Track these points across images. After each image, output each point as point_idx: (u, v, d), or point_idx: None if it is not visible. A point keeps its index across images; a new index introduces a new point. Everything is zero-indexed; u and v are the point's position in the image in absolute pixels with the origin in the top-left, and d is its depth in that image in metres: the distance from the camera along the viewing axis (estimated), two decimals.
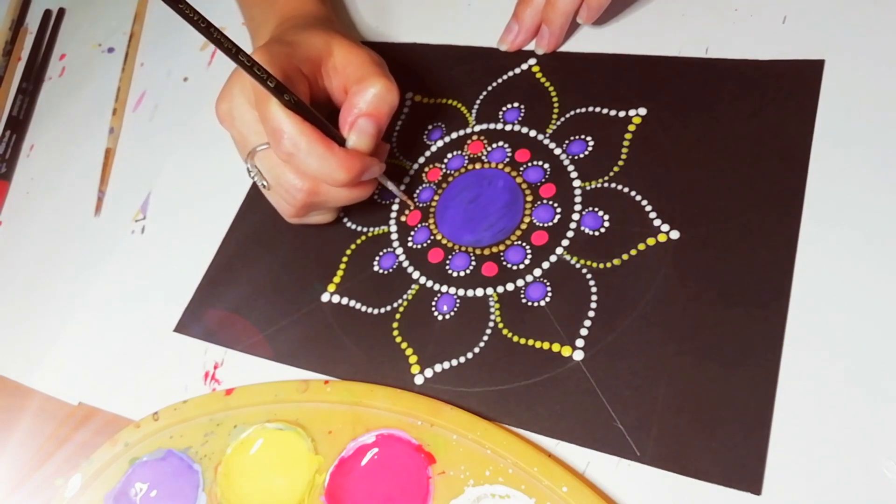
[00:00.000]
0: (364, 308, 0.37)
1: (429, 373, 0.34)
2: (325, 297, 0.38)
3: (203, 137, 0.49)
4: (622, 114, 0.38)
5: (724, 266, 0.31)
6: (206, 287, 0.42)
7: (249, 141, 0.36)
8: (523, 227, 0.36)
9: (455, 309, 0.35)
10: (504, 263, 0.36)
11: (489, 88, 0.42)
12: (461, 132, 0.41)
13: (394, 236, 0.39)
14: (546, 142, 0.39)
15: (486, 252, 0.36)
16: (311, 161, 0.33)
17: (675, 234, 0.33)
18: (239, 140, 0.37)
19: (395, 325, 0.36)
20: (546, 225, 0.36)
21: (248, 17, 0.46)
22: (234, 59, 0.30)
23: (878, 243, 0.30)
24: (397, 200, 0.40)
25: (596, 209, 0.35)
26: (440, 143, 0.41)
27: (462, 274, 0.36)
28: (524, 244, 0.36)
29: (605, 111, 0.38)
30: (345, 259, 0.39)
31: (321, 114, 0.34)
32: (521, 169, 0.38)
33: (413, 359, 0.35)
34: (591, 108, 0.39)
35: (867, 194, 0.31)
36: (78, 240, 0.49)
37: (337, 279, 0.39)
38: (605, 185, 0.36)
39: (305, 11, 0.42)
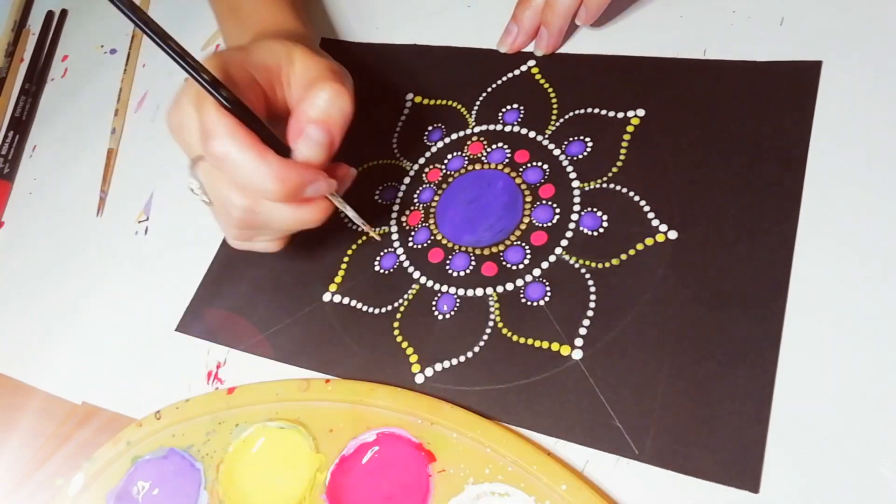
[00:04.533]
0: (365, 308, 0.37)
1: (429, 372, 0.34)
2: (326, 297, 0.38)
3: None
4: (621, 115, 0.38)
5: (721, 266, 0.32)
6: (207, 287, 0.42)
7: (193, 150, 0.32)
8: (523, 227, 0.37)
9: (455, 308, 0.35)
10: (504, 263, 0.36)
11: (489, 90, 0.42)
12: (461, 133, 0.41)
13: (394, 236, 0.39)
14: (545, 143, 0.39)
15: (486, 252, 0.37)
16: (243, 168, 0.29)
17: (673, 235, 0.33)
18: (185, 151, 0.34)
19: (395, 324, 0.36)
20: (545, 225, 0.36)
21: (226, 33, 0.44)
22: (162, 45, 0.27)
23: (874, 244, 0.30)
24: (398, 200, 0.40)
25: (595, 209, 0.36)
26: (440, 144, 0.42)
27: (462, 274, 0.36)
28: (523, 244, 0.36)
29: (603, 112, 0.38)
30: (346, 259, 0.39)
31: (278, 128, 0.31)
32: (521, 170, 0.38)
33: (413, 358, 0.35)
34: (589, 110, 0.39)
35: (864, 195, 0.31)
36: (80, 240, 0.49)
37: (338, 279, 0.39)
38: (604, 185, 0.36)
39: (281, 28, 0.40)
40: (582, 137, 0.38)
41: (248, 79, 0.31)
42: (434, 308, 0.36)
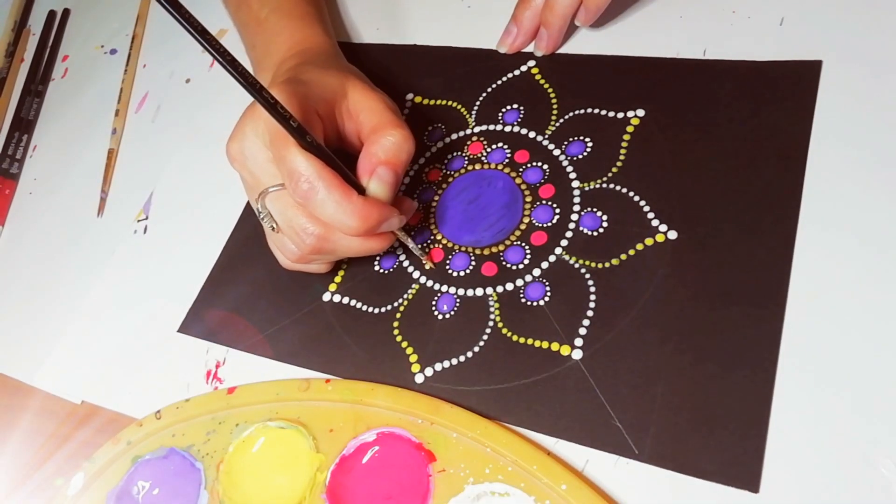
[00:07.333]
0: (365, 307, 0.37)
1: (429, 371, 0.34)
2: (326, 297, 0.38)
3: (205, 138, 0.49)
4: (620, 115, 0.38)
5: (721, 266, 0.32)
6: (209, 287, 0.42)
7: (262, 182, 0.35)
8: (522, 227, 0.37)
9: (455, 308, 0.36)
10: (503, 263, 0.36)
11: (489, 90, 0.42)
12: (461, 133, 0.41)
13: None
14: (545, 143, 0.39)
15: (486, 252, 0.37)
16: (328, 206, 0.32)
17: (672, 235, 0.33)
18: (250, 181, 0.36)
19: (395, 324, 0.36)
20: (545, 225, 0.36)
21: (250, 44, 0.45)
22: (258, 97, 0.29)
23: (874, 244, 0.30)
24: None
25: (594, 209, 0.36)
26: (440, 144, 0.42)
27: (462, 274, 0.36)
28: (523, 244, 0.36)
29: (603, 112, 0.38)
30: (346, 259, 0.39)
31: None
32: (521, 170, 0.38)
33: (413, 357, 0.35)
34: (589, 110, 0.39)
35: (864, 195, 0.31)
36: (81, 240, 0.49)
37: (338, 279, 0.39)
38: (604, 185, 0.36)
39: (313, 45, 0.41)
40: (582, 137, 0.38)
41: (312, 112, 0.34)
42: (434, 308, 0.36)
